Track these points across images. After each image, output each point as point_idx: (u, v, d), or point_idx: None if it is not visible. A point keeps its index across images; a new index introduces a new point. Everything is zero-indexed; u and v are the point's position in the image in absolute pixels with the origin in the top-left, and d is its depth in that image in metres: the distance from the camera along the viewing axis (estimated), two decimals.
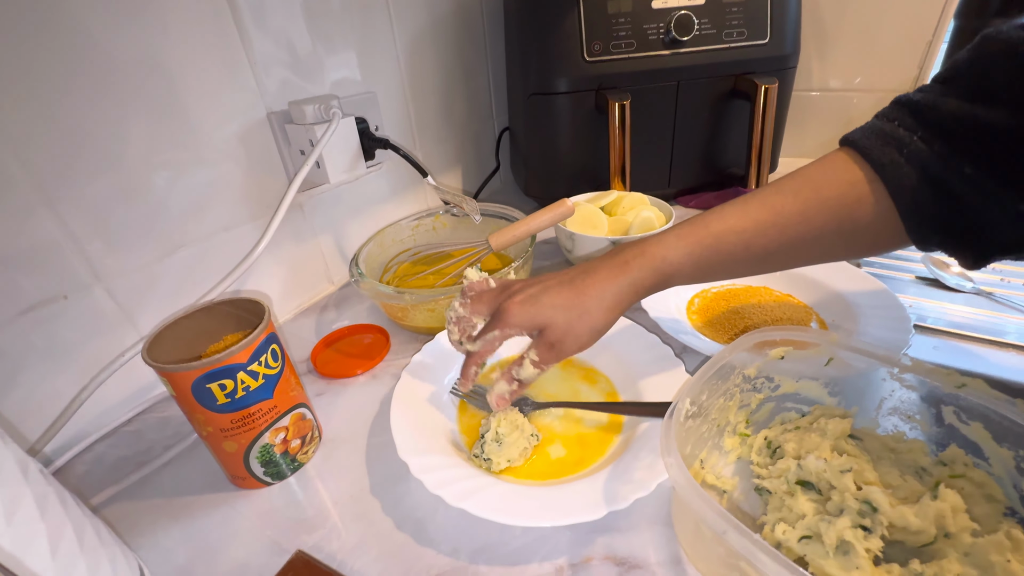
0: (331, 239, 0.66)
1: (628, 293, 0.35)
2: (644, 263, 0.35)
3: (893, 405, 0.35)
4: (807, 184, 0.34)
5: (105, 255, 0.44)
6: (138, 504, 0.40)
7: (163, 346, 0.37)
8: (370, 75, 0.65)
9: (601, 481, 0.35)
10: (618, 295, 0.35)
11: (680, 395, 0.32)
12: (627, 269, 0.35)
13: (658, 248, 0.35)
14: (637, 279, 0.35)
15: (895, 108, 0.34)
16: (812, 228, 0.34)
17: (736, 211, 0.35)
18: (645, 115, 0.72)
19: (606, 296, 0.35)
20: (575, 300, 0.35)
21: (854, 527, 0.28)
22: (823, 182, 0.34)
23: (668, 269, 0.35)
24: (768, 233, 0.35)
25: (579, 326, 0.35)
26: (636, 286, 0.35)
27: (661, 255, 0.35)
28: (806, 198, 0.34)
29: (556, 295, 0.35)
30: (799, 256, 0.36)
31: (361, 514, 0.37)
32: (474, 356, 0.38)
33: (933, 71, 0.84)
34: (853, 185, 0.33)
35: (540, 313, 0.35)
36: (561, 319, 0.35)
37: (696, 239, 0.35)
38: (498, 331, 0.36)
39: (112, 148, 0.43)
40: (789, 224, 0.34)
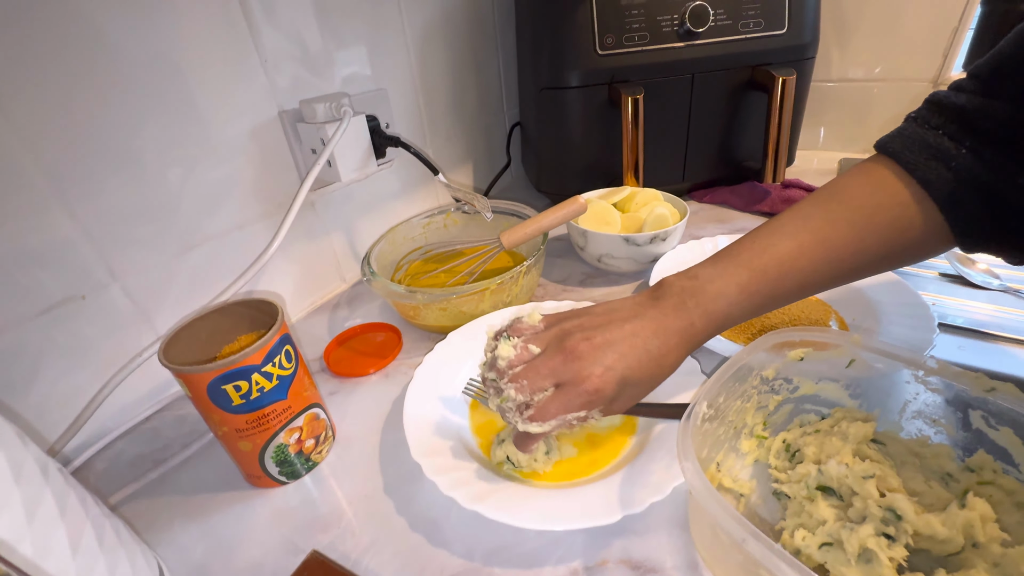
0: (343, 237, 0.66)
1: (689, 353, 0.35)
2: (709, 324, 0.34)
3: (917, 408, 0.34)
4: (858, 211, 0.33)
5: (121, 254, 0.45)
6: (156, 501, 0.41)
7: (179, 347, 0.37)
8: (381, 71, 0.65)
9: (616, 484, 0.34)
10: (683, 360, 0.34)
11: (697, 397, 0.31)
12: (693, 331, 0.33)
13: (720, 306, 0.34)
14: (700, 340, 0.34)
15: (934, 112, 0.33)
16: (866, 256, 0.34)
17: (790, 247, 0.34)
18: (659, 109, 0.70)
19: (677, 365, 0.34)
20: (655, 374, 0.33)
21: (877, 535, 0.27)
22: (874, 208, 0.33)
23: (727, 324, 0.35)
24: (821, 270, 0.34)
25: (643, 393, 0.34)
26: (696, 345, 0.35)
27: (724, 312, 0.34)
28: (860, 228, 0.33)
29: (638, 369, 0.32)
30: (847, 280, 0.36)
31: (375, 514, 0.37)
32: (540, 435, 0.33)
33: (959, 59, 0.81)
34: (904, 207, 0.32)
35: (621, 390, 0.32)
36: (635, 393, 0.33)
37: (756, 289, 0.34)
38: (585, 412, 0.32)
39: (126, 147, 0.43)
40: (844, 257, 0.34)
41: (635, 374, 0.32)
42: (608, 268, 0.62)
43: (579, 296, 0.60)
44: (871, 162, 0.34)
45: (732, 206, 0.78)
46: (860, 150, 0.94)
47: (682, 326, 0.33)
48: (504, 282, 0.51)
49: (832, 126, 0.96)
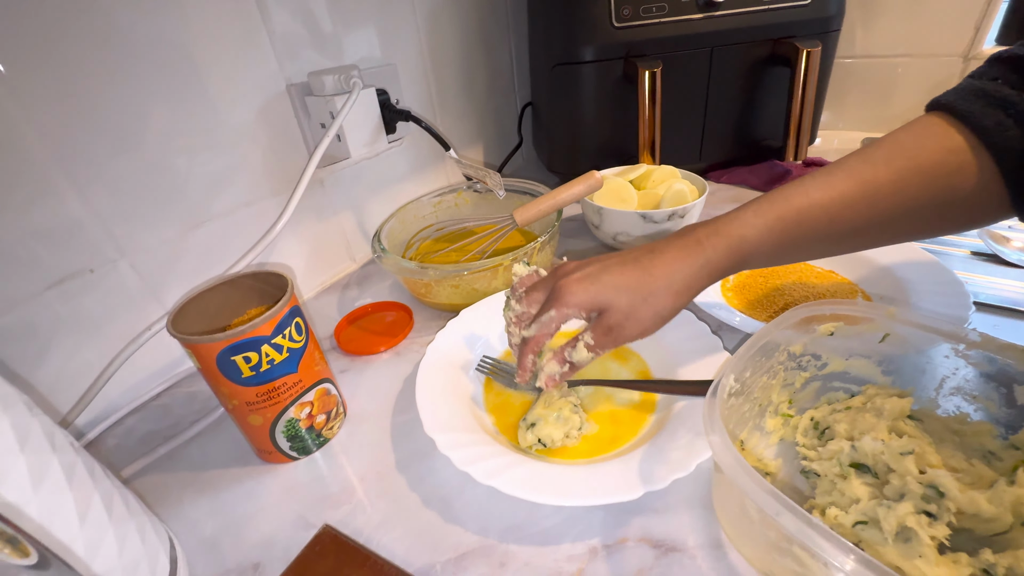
0: (352, 216, 0.65)
1: (700, 276, 0.32)
2: (719, 242, 0.32)
3: (956, 384, 0.32)
4: (899, 152, 0.31)
5: (128, 230, 0.44)
6: (167, 476, 0.40)
7: (188, 319, 0.36)
8: (390, 49, 0.63)
9: (636, 461, 0.33)
10: (689, 278, 0.32)
11: (723, 371, 0.30)
12: (700, 249, 0.32)
13: (734, 226, 0.32)
14: (711, 259, 0.32)
15: (994, 66, 0.31)
16: (906, 200, 0.31)
17: (819, 183, 0.32)
18: (676, 84, 0.68)
19: (675, 278, 0.32)
20: (640, 281, 0.32)
21: (917, 513, 0.26)
22: (917, 149, 0.30)
23: (745, 248, 0.32)
24: (856, 206, 0.31)
25: (643, 310, 0.32)
26: (710, 267, 0.32)
27: (738, 233, 0.32)
28: (899, 167, 0.30)
29: (619, 275, 0.32)
30: (888, 232, 0.33)
31: (387, 490, 0.37)
32: (530, 342, 0.35)
33: (992, 32, 0.77)
34: (952, 152, 0.29)
35: (601, 293, 0.32)
36: (623, 301, 0.32)
37: (776, 214, 0.32)
38: (554, 311, 0.33)
39: (133, 123, 0.43)
40: (880, 196, 0.31)
41: (615, 277, 0.32)
42: (624, 246, 0.61)
43: None
44: (920, 118, 0.32)
45: (750, 186, 0.76)
46: (884, 130, 0.90)
47: (684, 243, 0.33)
48: (518, 258, 0.49)
49: (854, 105, 0.92)
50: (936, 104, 0.32)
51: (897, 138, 0.32)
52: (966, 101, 0.30)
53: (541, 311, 0.34)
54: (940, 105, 0.31)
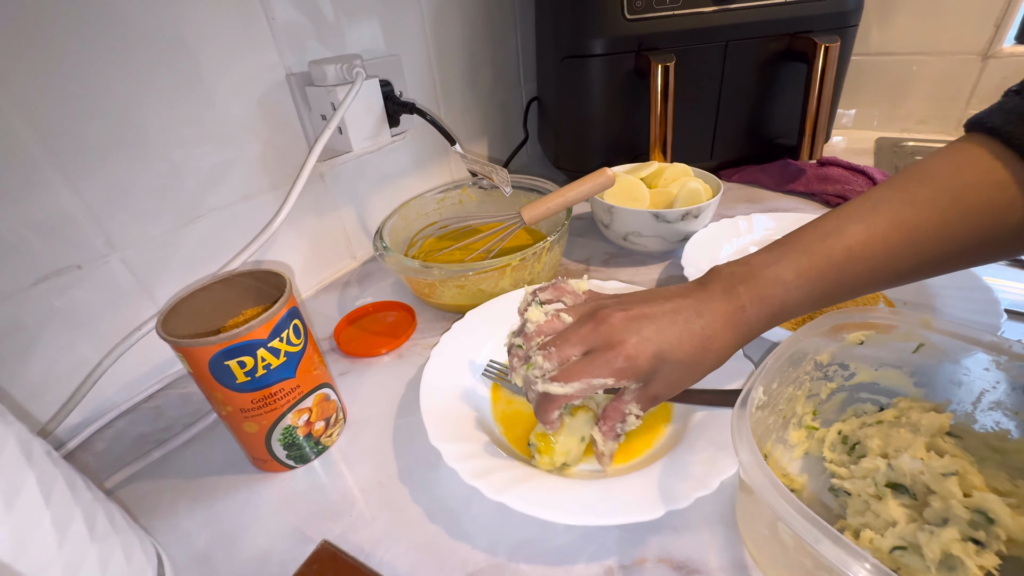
0: (353, 212, 0.63)
1: (741, 342, 0.31)
2: (762, 310, 0.30)
3: (996, 399, 0.30)
4: (943, 192, 0.28)
5: (120, 224, 0.42)
6: (158, 483, 0.38)
7: (179, 320, 0.34)
8: (393, 38, 0.61)
9: (655, 476, 0.31)
10: (733, 347, 0.30)
11: (752, 382, 0.28)
12: (743, 316, 0.30)
13: (776, 292, 0.30)
14: (753, 327, 0.30)
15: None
16: (954, 245, 0.28)
17: (860, 230, 0.29)
18: (688, 80, 0.66)
19: (725, 349, 0.30)
20: (695, 355, 0.29)
21: (964, 540, 0.24)
22: (963, 187, 0.28)
23: (786, 312, 0.30)
24: (902, 256, 0.29)
25: (687, 381, 0.30)
26: (750, 334, 0.31)
27: (780, 300, 0.30)
28: (945, 209, 0.28)
29: (677, 345, 0.29)
30: (932, 273, 0.31)
31: (389, 502, 0.35)
32: (559, 399, 0.30)
33: (1013, 29, 0.75)
34: (1001, 188, 0.27)
35: (657, 367, 0.29)
36: (673, 374, 0.30)
37: (818, 273, 0.29)
38: (612, 380, 0.29)
39: (127, 113, 0.41)
40: (926, 244, 0.28)
41: (675, 351, 0.29)
42: (634, 247, 0.59)
43: (604, 277, 0.57)
44: (961, 141, 0.30)
45: (763, 185, 0.74)
46: (898, 130, 0.89)
47: (730, 309, 0.30)
48: (527, 258, 0.47)
49: (868, 104, 0.91)
50: (978, 125, 0.29)
51: (938, 172, 0.29)
52: (1012, 124, 0.28)
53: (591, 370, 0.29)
54: (984, 127, 0.29)
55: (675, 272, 0.56)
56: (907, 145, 0.84)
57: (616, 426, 0.31)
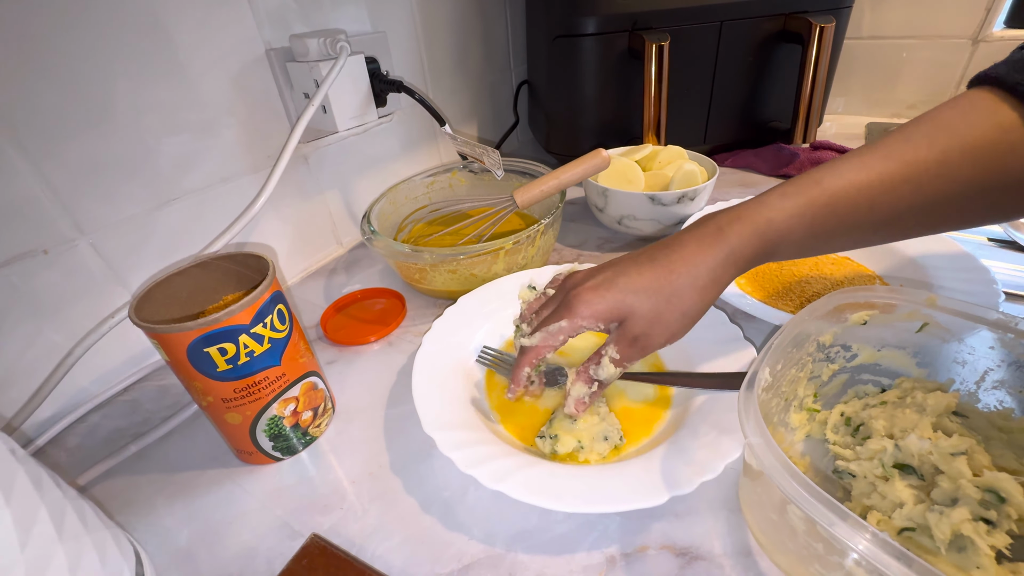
0: (339, 196, 0.61)
1: (726, 266, 0.29)
2: (743, 229, 0.28)
3: (1000, 378, 0.30)
4: (942, 130, 0.27)
5: (88, 207, 0.39)
6: (135, 479, 0.36)
7: (154, 305, 0.32)
8: (380, 15, 0.58)
9: (657, 461, 0.30)
10: (714, 270, 0.28)
11: (757, 363, 0.27)
12: (722, 237, 0.28)
13: (759, 210, 0.28)
14: (735, 248, 0.28)
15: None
16: (953, 183, 0.27)
17: (853, 164, 0.28)
18: (682, 61, 0.64)
19: (699, 273, 0.28)
20: (661, 280, 0.29)
21: (975, 519, 0.23)
22: (963, 127, 0.27)
23: (773, 235, 0.28)
24: (898, 190, 0.27)
25: (668, 312, 0.29)
26: (735, 257, 0.28)
27: (765, 217, 0.28)
28: (944, 147, 0.27)
29: (636, 277, 0.29)
30: (931, 219, 0.29)
31: (381, 494, 0.33)
32: (529, 352, 0.32)
33: (1002, 14, 0.75)
34: (1005, 130, 0.26)
35: (618, 299, 0.29)
36: (646, 306, 0.29)
37: (807, 198, 0.28)
38: (566, 322, 0.30)
39: (93, 89, 0.38)
40: (925, 178, 0.27)
41: (633, 281, 0.29)
42: (629, 231, 0.58)
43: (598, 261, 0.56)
44: (964, 94, 0.29)
45: (756, 170, 0.73)
46: (889, 114, 0.89)
47: (702, 233, 0.29)
48: (520, 241, 0.46)
49: (858, 88, 0.90)
50: (983, 78, 0.28)
51: (940, 115, 0.28)
52: (1019, 72, 0.27)
53: (550, 319, 0.31)
54: (988, 79, 0.28)
55: None
56: None
57: (591, 368, 0.31)
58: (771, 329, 0.42)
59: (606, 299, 0.29)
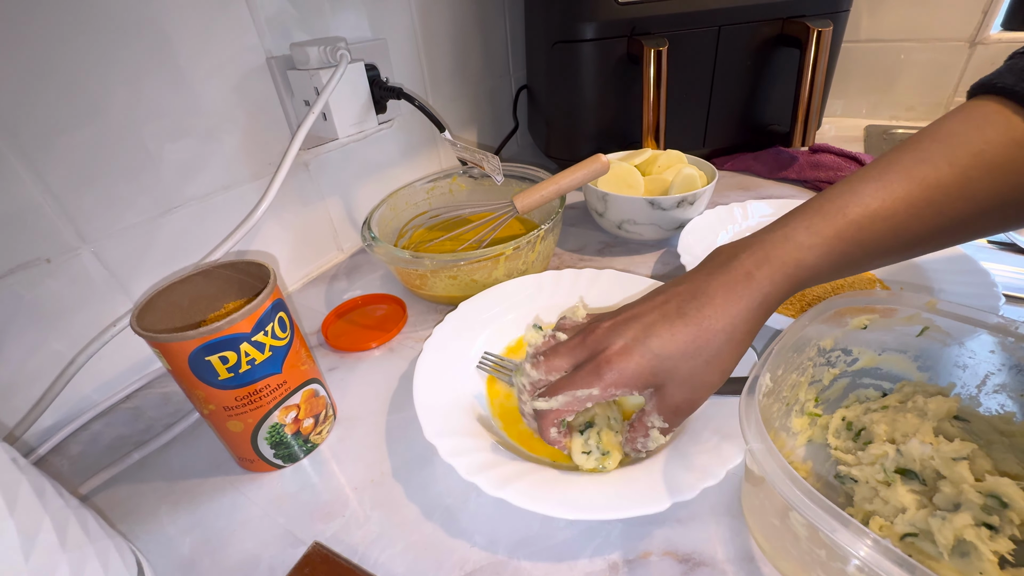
0: (340, 203, 0.61)
1: (759, 316, 0.28)
2: (774, 274, 0.27)
3: (1001, 381, 0.30)
4: (960, 148, 0.27)
5: (91, 215, 0.40)
6: (138, 488, 0.36)
7: (156, 314, 0.32)
8: (379, 23, 0.59)
9: (658, 467, 0.30)
10: (748, 321, 0.27)
11: (758, 370, 0.27)
12: (753, 284, 0.27)
13: (787, 250, 0.27)
14: (768, 294, 0.27)
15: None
16: (974, 202, 0.27)
17: (873, 189, 0.27)
18: (680, 66, 0.65)
19: (736, 325, 0.27)
20: (699, 342, 0.27)
21: (977, 525, 0.23)
22: (980, 143, 0.27)
23: (803, 275, 0.27)
24: (922, 215, 0.27)
25: (708, 374, 0.28)
26: (767, 304, 0.27)
27: (794, 259, 0.27)
28: (965, 166, 0.26)
29: (670, 340, 0.27)
30: (951, 238, 0.29)
31: (383, 501, 0.33)
32: (550, 415, 0.29)
33: (999, 16, 0.75)
34: (1021, 145, 0.26)
35: (654, 366, 0.27)
36: (684, 370, 0.27)
37: (834, 232, 0.27)
38: (597, 390, 0.28)
39: (96, 98, 0.38)
40: (947, 200, 0.27)
41: (667, 345, 0.27)
42: (629, 236, 0.58)
43: (599, 266, 0.56)
44: (971, 103, 0.29)
45: (756, 173, 0.73)
46: (888, 117, 0.89)
47: (731, 279, 0.28)
48: (520, 247, 0.46)
49: (856, 91, 0.91)
50: (987, 87, 0.28)
51: (953, 129, 0.28)
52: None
53: (576, 382, 0.28)
54: (994, 88, 0.28)
55: (671, 260, 0.56)
56: (896, 132, 0.84)
57: (638, 441, 0.30)
58: (772, 334, 0.42)
59: (641, 365, 0.27)
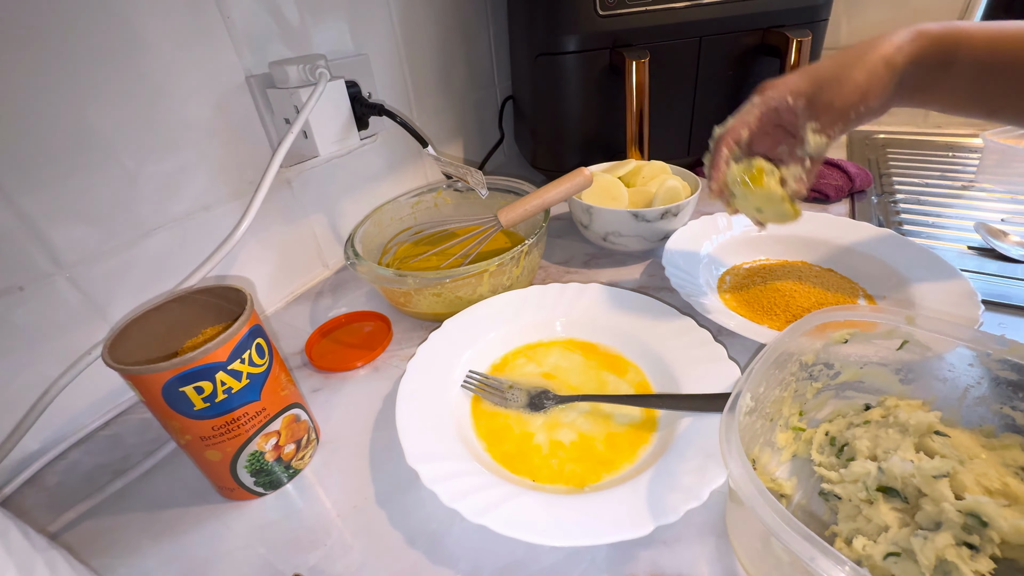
0: (324, 219, 0.61)
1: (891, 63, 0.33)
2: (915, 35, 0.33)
3: (981, 395, 0.30)
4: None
5: (66, 240, 0.39)
6: (117, 519, 0.36)
7: (131, 343, 0.32)
8: (361, 37, 0.58)
9: (643, 488, 0.30)
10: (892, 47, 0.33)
11: (738, 388, 0.27)
12: (892, 38, 0.33)
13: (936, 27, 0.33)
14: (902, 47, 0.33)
15: None
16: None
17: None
18: (664, 76, 0.65)
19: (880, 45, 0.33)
20: (844, 56, 0.34)
21: (958, 544, 0.23)
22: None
23: (954, 33, 0.32)
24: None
25: (854, 74, 0.33)
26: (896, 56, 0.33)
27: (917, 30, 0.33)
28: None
29: (820, 63, 0.34)
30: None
31: (366, 528, 0.33)
32: (725, 135, 0.37)
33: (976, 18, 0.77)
34: None
35: (808, 76, 0.34)
36: (832, 74, 0.33)
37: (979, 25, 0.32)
38: (756, 98, 0.36)
39: (70, 118, 0.38)
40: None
41: (819, 65, 0.34)
42: (615, 247, 0.58)
43: (584, 279, 0.56)
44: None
45: None
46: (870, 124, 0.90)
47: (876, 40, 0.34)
48: (504, 263, 0.46)
49: None
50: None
51: None
52: None
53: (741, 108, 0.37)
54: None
55: (657, 272, 0.56)
56: (878, 137, 0.85)
57: (798, 150, 0.36)
58: (756, 348, 0.42)
59: (797, 79, 0.35)
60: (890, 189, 0.69)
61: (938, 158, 0.76)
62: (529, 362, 0.43)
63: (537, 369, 0.42)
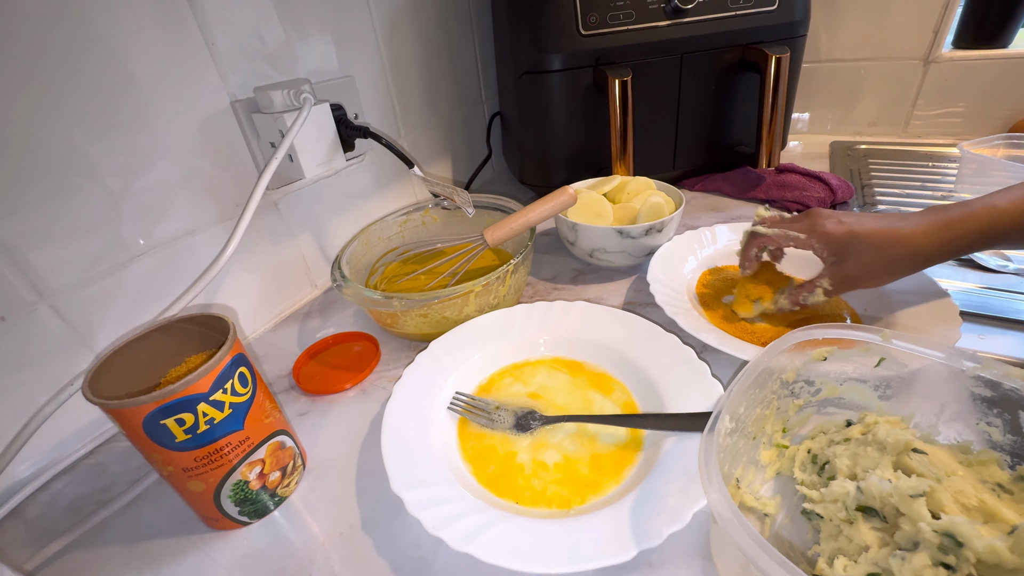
0: (311, 239, 0.61)
1: (940, 250, 0.35)
2: (970, 223, 0.34)
3: (957, 410, 0.30)
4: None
5: (47, 268, 0.39)
6: (97, 552, 0.35)
7: (113, 374, 0.32)
8: (347, 58, 0.59)
9: (626, 510, 0.30)
10: (929, 250, 0.35)
11: (719, 408, 0.27)
12: (948, 223, 0.35)
13: (986, 211, 0.34)
14: (957, 237, 0.35)
15: None
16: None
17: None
18: (647, 92, 0.66)
19: (920, 249, 0.35)
20: (890, 241, 0.36)
21: (935, 565, 0.23)
22: None
23: (994, 233, 0.34)
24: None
25: (882, 268, 0.36)
26: (954, 243, 0.35)
27: (989, 218, 0.34)
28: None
29: (872, 229, 0.36)
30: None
31: (352, 557, 0.33)
32: (759, 239, 0.42)
33: (950, 35, 0.79)
34: None
35: (849, 242, 0.37)
36: (867, 256, 0.36)
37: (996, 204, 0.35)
38: (804, 235, 0.38)
39: (52, 144, 0.38)
40: None
41: (866, 231, 0.36)
42: (601, 263, 0.58)
43: (572, 295, 0.56)
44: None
45: (725, 193, 0.74)
46: (851, 133, 0.91)
47: (933, 216, 0.36)
48: (490, 283, 0.46)
49: (821, 108, 0.93)
50: None
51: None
52: None
53: (792, 224, 0.40)
54: None
55: (644, 287, 0.56)
56: (860, 148, 0.87)
57: (802, 296, 0.41)
58: (739, 365, 0.43)
59: (842, 236, 0.37)
60: (872, 200, 0.70)
61: (919, 168, 0.78)
62: (516, 382, 0.43)
63: (524, 389, 0.42)
